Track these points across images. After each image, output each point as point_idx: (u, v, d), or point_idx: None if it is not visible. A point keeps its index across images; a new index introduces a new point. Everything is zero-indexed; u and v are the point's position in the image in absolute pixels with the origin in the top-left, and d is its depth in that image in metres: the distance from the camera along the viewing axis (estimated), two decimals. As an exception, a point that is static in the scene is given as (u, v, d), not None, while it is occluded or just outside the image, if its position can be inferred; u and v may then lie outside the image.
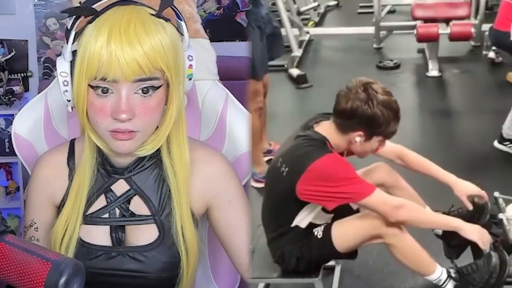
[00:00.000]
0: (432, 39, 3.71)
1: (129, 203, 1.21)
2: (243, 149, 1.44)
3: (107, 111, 1.08)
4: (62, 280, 0.86)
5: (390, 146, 1.74)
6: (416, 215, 1.59)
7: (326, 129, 1.55)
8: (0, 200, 3.60)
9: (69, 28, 1.09)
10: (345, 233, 1.58)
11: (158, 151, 1.20)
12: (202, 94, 1.49)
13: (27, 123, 1.45)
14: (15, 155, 1.46)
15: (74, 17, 1.09)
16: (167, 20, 1.11)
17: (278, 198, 1.56)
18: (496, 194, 1.70)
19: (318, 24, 4.94)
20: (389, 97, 1.51)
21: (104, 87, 1.07)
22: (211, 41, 1.58)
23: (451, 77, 3.78)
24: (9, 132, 3.52)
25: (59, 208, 1.22)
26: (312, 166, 1.46)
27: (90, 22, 1.08)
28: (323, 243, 1.58)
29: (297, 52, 4.07)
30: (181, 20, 1.15)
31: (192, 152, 1.22)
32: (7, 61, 3.61)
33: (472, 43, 4.17)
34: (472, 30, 3.72)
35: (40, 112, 1.46)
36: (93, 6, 1.08)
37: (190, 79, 1.19)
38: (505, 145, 2.71)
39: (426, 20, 3.82)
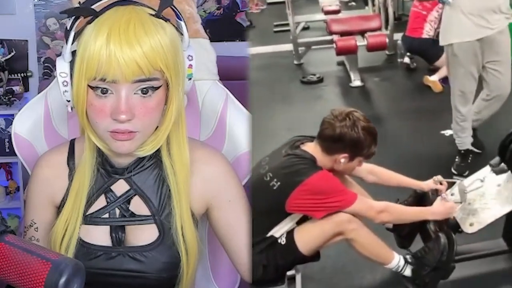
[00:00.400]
0: (351, 51, 3.91)
1: (129, 203, 1.21)
2: (243, 149, 1.44)
3: (107, 112, 1.08)
4: (62, 280, 0.86)
5: (362, 167, 1.88)
6: (397, 215, 1.77)
7: (313, 149, 1.69)
8: (0, 200, 3.60)
9: (68, 28, 1.09)
10: (308, 236, 1.68)
11: (158, 151, 1.19)
12: (202, 94, 1.49)
13: (27, 123, 1.45)
14: (15, 155, 1.46)
15: (73, 17, 1.09)
16: (166, 20, 1.11)
17: (261, 210, 1.60)
18: (439, 177, 1.87)
19: None
20: (369, 124, 1.68)
21: (104, 88, 1.07)
22: (211, 41, 1.58)
23: (373, 85, 3.98)
24: (9, 132, 3.53)
25: (59, 208, 1.22)
26: (306, 181, 1.60)
27: (89, 22, 1.08)
28: (287, 248, 1.67)
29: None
30: (181, 20, 1.15)
31: (192, 152, 1.22)
32: (7, 61, 3.61)
33: (387, 52, 4.39)
34: (386, 40, 3.97)
35: (40, 112, 1.46)
36: (93, 7, 1.08)
37: (190, 79, 1.19)
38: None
39: (343, 34, 4.04)
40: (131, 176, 1.20)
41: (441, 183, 1.86)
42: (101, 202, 1.21)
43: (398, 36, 4.20)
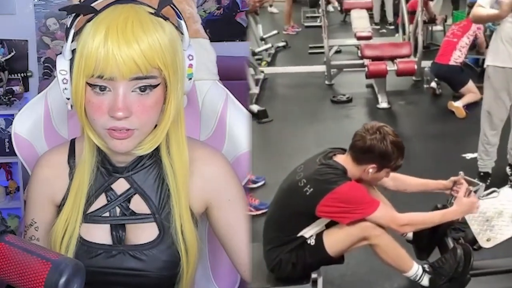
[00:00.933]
0: (381, 75, 4.16)
1: (129, 202, 1.21)
2: (243, 149, 1.44)
3: (104, 109, 1.08)
4: (62, 280, 0.86)
5: None
6: (421, 225, 1.89)
7: (343, 160, 1.83)
8: (0, 200, 3.60)
9: (68, 26, 1.10)
10: (335, 238, 1.82)
11: (158, 150, 1.20)
12: (202, 94, 1.49)
13: (27, 123, 1.45)
14: (15, 155, 1.46)
15: (73, 15, 1.10)
16: (166, 19, 1.11)
17: (294, 212, 1.81)
18: (462, 173, 1.98)
19: (270, 64, 5.39)
20: (398, 138, 1.81)
21: (102, 85, 1.07)
22: (211, 41, 1.57)
23: (399, 108, 4.22)
24: (9, 132, 3.53)
25: (59, 207, 1.23)
26: (336, 189, 1.75)
27: (89, 20, 1.08)
28: (316, 248, 1.81)
29: (255, 90, 4.38)
30: (181, 19, 1.15)
31: (192, 152, 1.22)
32: (7, 61, 3.61)
33: (414, 78, 4.64)
34: (415, 66, 4.24)
35: (40, 112, 1.46)
36: (92, 5, 1.08)
37: (190, 78, 1.19)
38: None
39: (374, 59, 4.28)
40: (131, 175, 1.20)
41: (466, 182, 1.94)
42: (101, 200, 1.21)
43: (425, 64, 4.43)
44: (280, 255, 1.83)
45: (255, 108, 3.99)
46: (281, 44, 5.97)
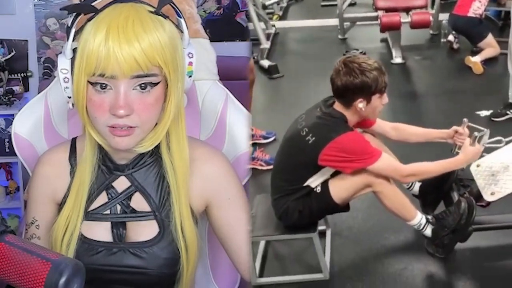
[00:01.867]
0: (395, 28, 3.98)
1: (130, 200, 1.21)
2: (243, 149, 1.44)
3: (106, 107, 1.09)
4: (62, 280, 0.86)
5: (385, 122, 2.05)
6: (425, 175, 1.89)
7: (341, 108, 1.81)
8: (0, 200, 3.60)
9: (69, 25, 1.10)
10: (340, 186, 1.84)
11: (158, 147, 1.20)
12: (202, 94, 1.49)
13: (27, 123, 1.45)
14: (15, 155, 1.46)
15: (74, 14, 1.10)
16: (165, 17, 1.11)
17: (297, 162, 1.83)
18: (465, 120, 2.00)
19: (281, 18, 5.22)
20: (368, 62, 1.77)
21: (103, 83, 1.08)
22: (211, 41, 1.57)
23: (414, 63, 4.07)
24: (9, 132, 3.53)
25: (60, 205, 1.23)
26: (337, 139, 1.74)
27: (89, 19, 1.09)
28: (322, 196, 1.84)
29: (266, 45, 4.25)
30: (181, 17, 1.15)
31: (192, 151, 1.22)
32: (7, 61, 3.61)
33: (431, 31, 4.44)
34: (430, 18, 4.02)
35: (40, 112, 1.46)
36: (93, 4, 1.09)
37: (190, 76, 1.19)
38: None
39: (388, 10, 4.09)
40: (132, 172, 1.21)
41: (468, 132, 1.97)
42: (102, 198, 1.22)
43: (443, 17, 4.24)
44: (287, 203, 1.85)
45: (266, 63, 3.94)
46: None
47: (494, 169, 1.88)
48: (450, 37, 4.10)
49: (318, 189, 1.83)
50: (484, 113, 3.07)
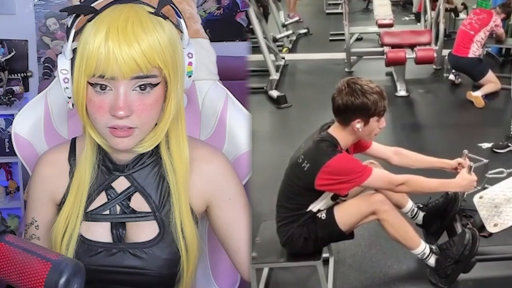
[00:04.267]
0: (400, 63, 4.14)
1: (129, 200, 1.21)
2: (243, 149, 1.44)
3: (106, 108, 1.09)
4: (62, 280, 0.86)
5: (385, 147, 2.06)
6: (418, 187, 1.87)
7: (335, 130, 1.83)
8: (0, 200, 3.60)
9: (69, 26, 1.10)
10: (346, 213, 1.85)
11: (158, 148, 1.20)
12: (202, 94, 1.49)
13: (27, 123, 1.45)
14: (15, 155, 1.46)
15: (74, 15, 1.10)
16: (165, 18, 1.12)
17: (298, 188, 1.84)
18: (466, 151, 2.01)
19: (291, 51, 5.45)
20: (370, 85, 1.80)
21: (103, 84, 1.08)
22: (211, 41, 1.57)
23: (417, 96, 4.22)
24: (9, 132, 3.53)
25: (60, 205, 1.23)
26: (327, 163, 1.76)
27: (89, 20, 1.09)
28: (327, 223, 1.84)
29: (275, 76, 4.40)
30: (181, 17, 1.15)
31: (192, 151, 1.22)
32: (7, 61, 3.61)
33: (434, 66, 4.63)
34: (434, 54, 4.18)
35: (40, 112, 1.46)
36: (92, 5, 1.09)
37: (190, 76, 1.19)
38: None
39: (393, 46, 4.26)
40: (132, 173, 1.21)
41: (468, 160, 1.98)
42: (102, 199, 1.21)
43: (446, 52, 4.40)
44: (291, 230, 1.86)
45: (274, 93, 4.04)
46: (303, 31, 6.00)
47: (496, 201, 1.89)
48: (451, 77, 4.25)
49: (323, 216, 1.85)
50: (486, 145, 3.11)
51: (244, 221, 1.26)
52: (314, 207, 1.86)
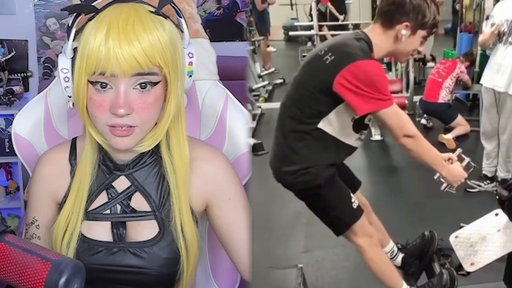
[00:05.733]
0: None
1: (130, 199, 1.22)
2: (243, 149, 1.44)
3: (106, 106, 1.09)
4: (62, 280, 0.86)
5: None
6: (420, 149, 1.72)
7: (372, 31, 1.64)
8: (0, 200, 3.60)
9: (70, 25, 1.11)
10: (364, 222, 1.76)
11: (158, 147, 1.20)
12: (202, 94, 1.49)
13: (27, 123, 1.45)
14: (15, 155, 1.46)
15: (74, 14, 1.11)
16: (166, 17, 1.12)
17: (312, 86, 1.63)
18: (459, 150, 1.95)
19: (267, 100, 5.60)
20: None
21: (103, 82, 1.08)
22: (211, 41, 1.57)
23: (391, 140, 4.31)
24: (9, 132, 3.53)
25: (61, 205, 1.23)
26: (357, 63, 1.54)
27: (90, 19, 1.09)
28: (352, 212, 1.73)
29: (252, 124, 4.51)
30: (181, 17, 1.16)
31: (192, 150, 1.23)
32: (7, 61, 3.61)
33: (406, 112, 4.80)
34: (406, 101, 4.47)
35: (40, 112, 1.46)
36: (93, 4, 1.09)
37: (191, 76, 1.19)
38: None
39: None
40: (132, 172, 1.21)
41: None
42: (102, 198, 1.22)
43: (417, 98, 4.65)
44: (312, 160, 1.66)
45: (251, 141, 4.12)
46: (279, 81, 6.18)
47: (472, 240, 1.88)
48: (423, 121, 4.49)
49: (355, 204, 1.74)
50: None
51: (244, 221, 1.26)
52: (325, 126, 1.64)
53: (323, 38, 5.72)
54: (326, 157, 1.68)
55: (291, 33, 6.20)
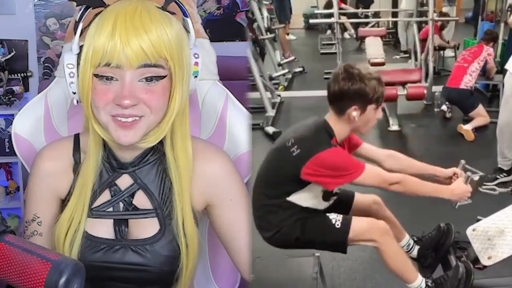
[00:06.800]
0: (392, 99, 4.28)
1: (132, 197, 1.22)
2: (243, 149, 1.44)
3: (110, 96, 1.09)
4: (62, 280, 0.86)
5: (378, 149, 2.01)
6: (412, 188, 1.82)
7: (330, 119, 1.76)
8: (0, 200, 3.60)
9: (77, 20, 1.11)
10: (358, 229, 1.78)
11: (162, 145, 1.20)
12: (202, 94, 1.49)
13: (27, 123, 1.45)
14: (15, 155, 1.46)
15: (83, 8, 1.11)
16: (172, 14, 1.12)
17: (281, 174, 1.76)
18: (462, 161, 2.00)
19: (287, 88, 5.64)
20: (368, 71, 1.74)
21: (108, 76, 1.08)
22: (211, 41, 1.58)
23: (409, 130, 4.37)
24: (9, 132, 3.53)
25: (64, 201, 1.23)
26: (320, 154, 1.67)
27: (97, 15, 1.10)
28: (340, 232, 1.76)
29: (271, 113, 4.55)
30: (187, 17, 1.16)
31: (195, 149, 1.23)
32: (7, 61, 3.61)
33: (425, 102, 4.80)
34: (424, 91, 4.37)
35: (40, 112, 1.46)
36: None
37: (196, 76, 1.19)
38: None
39: (386, 84, 4.24)
40: (135, 170, 1.21)
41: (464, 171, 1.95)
42: (105, 196, 1.22)
43: (436, 88, 4.61)
44: (280, 224, 1.77)
45: (270, 130, 4.16)
46: (298, 69, 6.22)
47: (490, 233, 1.87)
48: (444, 107, 4.42)
49: (338, 224, 1.77)
50: (476, 177, 3.15)
51: (245, 221, 1.26)
52: (297, 199, 1.77)
53: (342, 26, 5.74)
54: (294, 220, 1.78)
55: (311, 20, 6.20)
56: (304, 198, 1.77)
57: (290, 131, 1.79)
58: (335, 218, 1.78)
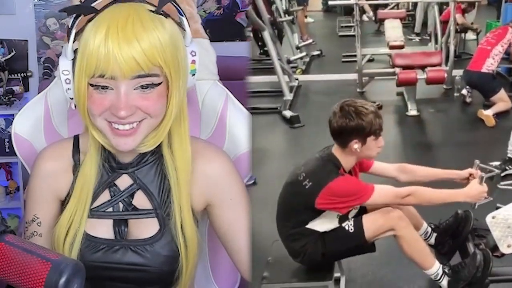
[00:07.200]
0: (411, 83, 4.22)
1: (132, 198, 1.22)
2: (243, 149, 1.44)
3: (106, 105, 1.09)
4: (62, 280, 0.86)
5: (387, 164, 2.06)
6: (425, 199, 1.87)
7: (336, 151, 1.86)
8: (0, 200, 3.60)
9: (70, 26, 1.10)
10: (373, 225, 1.84)
11: (160, 146, 1.20)
12: (202, 94, 1.49)
13: (27, 123, 1.45)
14: (15, 155, 1.46)
15: (74, 16, 1.10)
16: (166, 16, 1.12)
17: (298, 205, 1.87)
18: (477, 161, 2.01)
19: (304, 72, 5.59)
20: (364, 106, 1.82)
21: (104, 85, 1.08)
22: (211, 41, 1.57)
23: (428, 115, 4.28)
24: (9, 132, 3.53)
25: (64, 202, 1.23)
26: (329, 185, 1.79)
27: (89, 20, 1.09)
28: (356, 234, 1.84)
29: (289, 96, 4.51)
30: (183, 15, 1.15)
31: (195, 150, 1.23)
32: (7, 61, 3.62)
33: (444, 86, 4.69)
34: (445, 75, 4.27)
35: (40, 112, 1.46)
36: (93, 5, 1.09)
37: (194, 75, 1.19)
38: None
39: (405, 67, 4.31)
40: (135, 170, 1.21)
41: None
42: (105, 196, 1.22)
43: (456, 72, 4.50)
44: (304, 247, 1.86)
45: (288, 113, 4.15)
46: (316, 52, 6.18)
47: (510, 221, 1.86)
48: (464, 91, 4.30)
49: (351, 228, 1.85)
50: (496, 163, 3.07)
51: (245, 221, 1.26)
52: (315, 225, 1.86)
53: (361, 8, 5.67)
54: (315, 241, 1.87)
55: (330, 2, 6.12)
56: (321, 224, 1.86)
57: (300, 166, 1.89)
58: (347, 224, 1.86)
